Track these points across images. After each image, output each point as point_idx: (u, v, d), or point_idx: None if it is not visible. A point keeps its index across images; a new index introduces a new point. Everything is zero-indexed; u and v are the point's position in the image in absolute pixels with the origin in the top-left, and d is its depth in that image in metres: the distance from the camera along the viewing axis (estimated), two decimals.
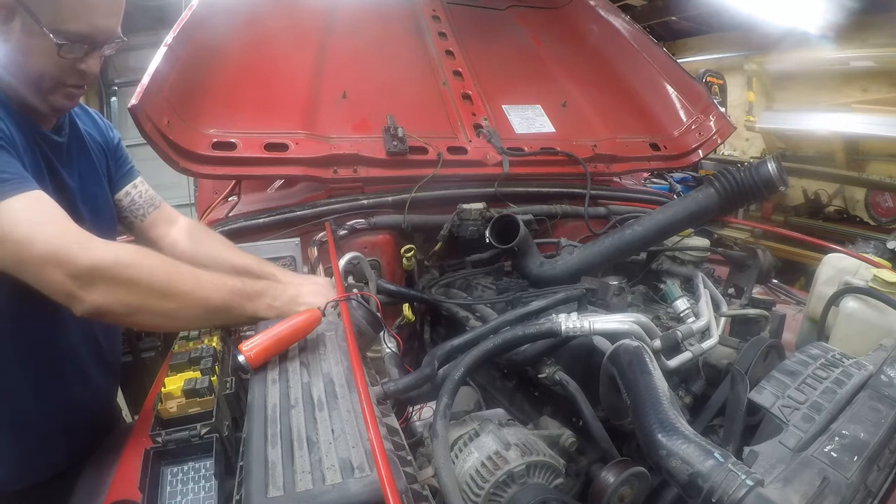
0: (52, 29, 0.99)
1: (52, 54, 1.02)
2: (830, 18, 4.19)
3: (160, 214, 1.41)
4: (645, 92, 2.33)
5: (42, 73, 1.04)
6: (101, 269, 0.90)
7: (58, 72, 1.05)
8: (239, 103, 1.60)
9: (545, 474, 0.87)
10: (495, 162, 1.78)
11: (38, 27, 0.99)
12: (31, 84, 1.06)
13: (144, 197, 1.40)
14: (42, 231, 0.89)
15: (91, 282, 0.89)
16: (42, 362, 1.16)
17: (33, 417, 1.17)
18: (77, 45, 1.04)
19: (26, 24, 1.00)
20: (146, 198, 1.40)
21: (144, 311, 0.96)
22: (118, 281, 0.92)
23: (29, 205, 0.91)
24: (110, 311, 0.93)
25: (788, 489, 0.70)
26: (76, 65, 1.06)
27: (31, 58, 1.03)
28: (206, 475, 0.79)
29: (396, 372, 1.09)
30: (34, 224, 0.89)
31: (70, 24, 1.01)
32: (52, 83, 1.06)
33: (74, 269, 0.88)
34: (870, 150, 4.40)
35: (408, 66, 2.03)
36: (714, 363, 1.19)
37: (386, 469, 0.60)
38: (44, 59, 1.03)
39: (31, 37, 1.01)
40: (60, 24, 1.00)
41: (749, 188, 1.20)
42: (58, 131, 1.19)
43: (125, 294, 0.92)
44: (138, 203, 1.38)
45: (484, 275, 1.56)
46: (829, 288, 1.36)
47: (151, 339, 1.75)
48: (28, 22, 0.99)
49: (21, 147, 1.03)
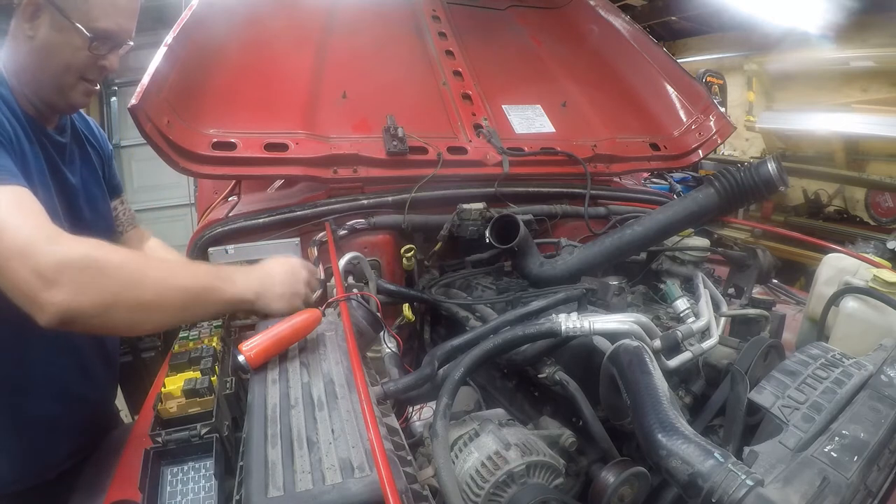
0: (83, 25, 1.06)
1: (80, 49, 1.08)
2: (830, 18, 4.19)
3: (136, 233, 1.50)
4: (645, 92, 2.32)
5: (67, 67, 1.10)
6: (68, 264, 0.83)
7: (82, 66, 1.11)
8: (239, 103, 1.60)
9: (545, 474, 0.87)
10: (495, 162, 1.78)
11: (69, 23, 1.05)
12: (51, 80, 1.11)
13: (127, 215, 1.47)
14: (14, 224, 0.85)
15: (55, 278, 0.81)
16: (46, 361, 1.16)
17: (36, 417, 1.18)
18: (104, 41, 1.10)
19: (55, 21, 1.06)
20: (128, 216, 1.48)
21: (118, 306, 0.87)
22: (87, 275, 0.84)
23: (8, 198, 0.88)
24: (80, 312, 0.84)
25: (788, 489, 0.70)
26: (99, 60, 1.12)
27: (58, 53, 1.08)
28: (206, 475, 0.79)
29: (396, 372, 1.09)
30: (8, 216, 0.85)
31: (100, 21, 1.08)
32: (75, 78, 1.12)
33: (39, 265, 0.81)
34: (870, 150, 4.40)
35: (408, 66, 2.03)
36: (714, 363, 1.19)
37: (386, 469, 0.60)
38: (70, 54, 1.09)
39: (60, 32, 1.06)
40: (91, 20, 1.07)
41: (749, 188, 1.20)
42: (61, 132, 1.20)
43: (95, 290, 0.85)
44: (121, 219, 1.45)
45: (484, 275, 1.56)
46: (829, 288, 1.36)
47: (151, 339, 1.75)
48: (57, 18, 1.05)
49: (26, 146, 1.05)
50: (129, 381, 1.63)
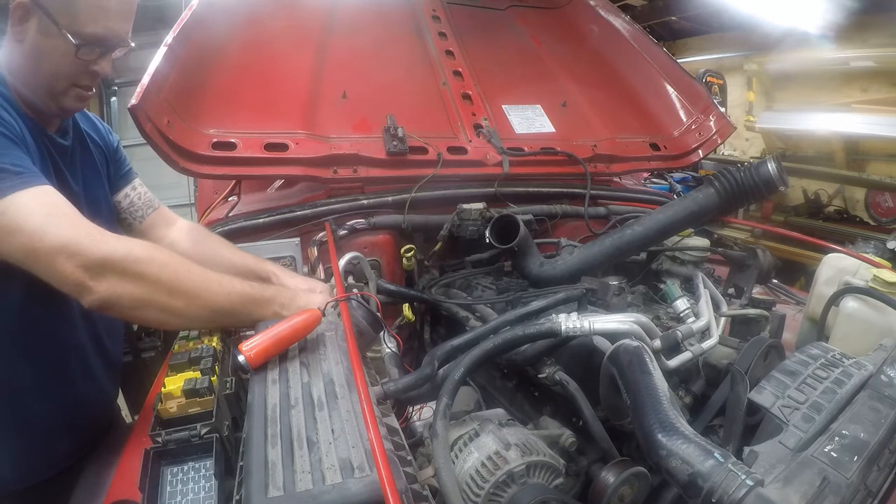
0: (69, 31, 1.02)
1: (68, 55, 1.04)
2: (830, 18, 4.19)
3: (159, 216, 1.42)
4: (645, 92, 2.33)
5: (56, 73, 1.07)
6: (112, 260, 0.91)
7: (72, 72, 1.07)
8: (239, 103, 1.60)
9: (545, 474, 0.87)
10: (495, 162, 1.78)
11: (56, 28, 1.01)
12: (43, 85, 1.08)
13: (143, 199, 1.41)
14: (54, 223, 0.90)
15: (101, 273, 0.90)
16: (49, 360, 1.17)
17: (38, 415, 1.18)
18: (93, 46, 1.06)
19: (43, 25, 1.02)
20: (145, 199, 1.41)
21: (151, 307, 0.96)
22: (128, 274, 0.92)
23: (41, 198, 0.92)
24: (118, 303, 0.93)
25: (788, 489, 0.70)
26: (89, 66, 1.09)
27: (46, 58, 1.05)
28: (206, 475, 0.79)
29: (396, 372, 1.09)
30: (46, 216, 0.91)
31: (87, 26, 1.04)
32: (66, 84, 1.09)
33: (86, 260, 0.89)
34: (870, 150, 4.40)
35: (408, 66, 2.03)
36: (714, 363, 1.19)
37: (386, 469, 0.60)
38: (59, 60, 1.05)
39: (47, 37, 1.03)
40: (78, 26, 1.03)
41: (749, 188, 1.20)
42: (63, 135, 1.19)
43: (134, 287, 0.93)
44: (137, 205, 1.39)
45: (484, 275, 1.56)
46: (829, 288, 1.36)
47: (151, 339, 1.75)
48: (45, 23, 1.02)
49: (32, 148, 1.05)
50: (129, 381, 1.62)
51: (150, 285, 0.94)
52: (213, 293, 1.01)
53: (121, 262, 0.92)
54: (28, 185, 0.92)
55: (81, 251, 0.89)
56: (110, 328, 1.32)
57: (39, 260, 0.89)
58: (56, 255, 0.88)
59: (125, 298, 0.93)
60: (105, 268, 0.91)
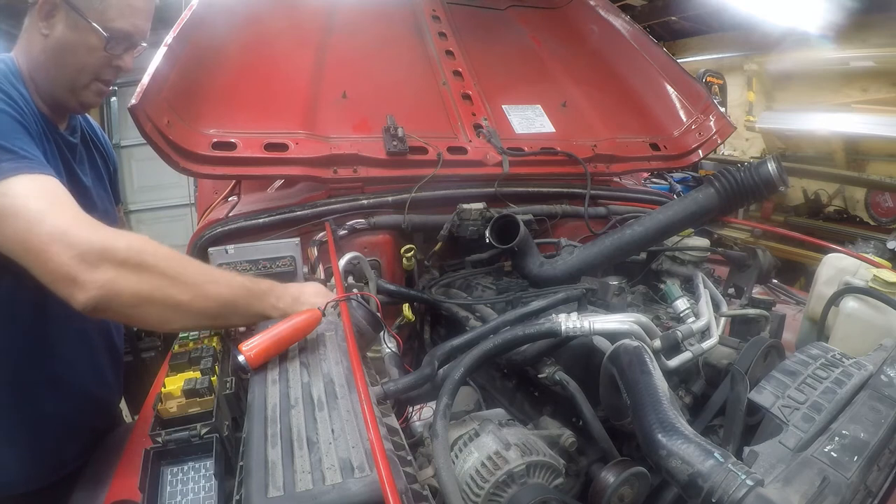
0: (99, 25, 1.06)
1: (96, 49, 1.09)
2: (830, 18, 4.19)
3: None
4: (645, 92, 2.32)
5: (82, 66, 1.10)
6: (112, 250, 0.85)
7: (96, 66, 1.11)
8: (239, 103, 1.60)
9: (545, 474, 0.87)
10: (495, 162, 1.78)
11: (86, 22, 1.05)
12: (66, 79, 1.11)
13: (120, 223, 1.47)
14: (54, 210, 0.87)
15: (98, 263, 0.83)
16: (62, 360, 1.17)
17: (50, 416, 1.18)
18: (120, 41, 1.11)
19: (71, 20, 1.06)
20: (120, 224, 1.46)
21: (154, 302, 0.89)
22: (129, 264, 0.86)
23: (43, 186, 0.91)
24: (116, 300, 0.85)
25: (788, 489, 0.70)
26: (113, 60, 1.13)
27: (72, 52, 1.08)
28: (206, 475, 0.79)
29: (396, 372, 1.10)
30: (47, 203, 0.88)
31: (116, 21, 1.08)
32: (89, 78, 1.12)
33: (82, 250, 0.83)
34: (870, 150, 4.40)
35: (408, 66, 2.03)
36: (714, 363, 1.19)
37: (386, 469, 0.60)
38: (86, 54, 1.09)
39: (75, 31, 1.07)
40: (107, 21, 1.07)
41: (749, 188, 1.20)
42: (72, 132, 1.22)
43: (136, 280, 0.86)
44: None
45: (484, 275, 1.56)
46: (829, 288, 1.36)
47: (151, 339, 1.75)
48: (73, 18, 1.05)
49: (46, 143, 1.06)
50: (129, 381, 1.63)
51: (154, 276, 0.88)
52: (217, 285, 0.96)
53: (122, 251, 0.86)
54: (33, 171, 0.91)
55: (79, 241, 0.84)
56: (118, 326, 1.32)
57: (31, 248, 0.84)
58: (50, 244, 0.83)
59: (125, 293, 0.85)
60: (103, 258, 0.84)
